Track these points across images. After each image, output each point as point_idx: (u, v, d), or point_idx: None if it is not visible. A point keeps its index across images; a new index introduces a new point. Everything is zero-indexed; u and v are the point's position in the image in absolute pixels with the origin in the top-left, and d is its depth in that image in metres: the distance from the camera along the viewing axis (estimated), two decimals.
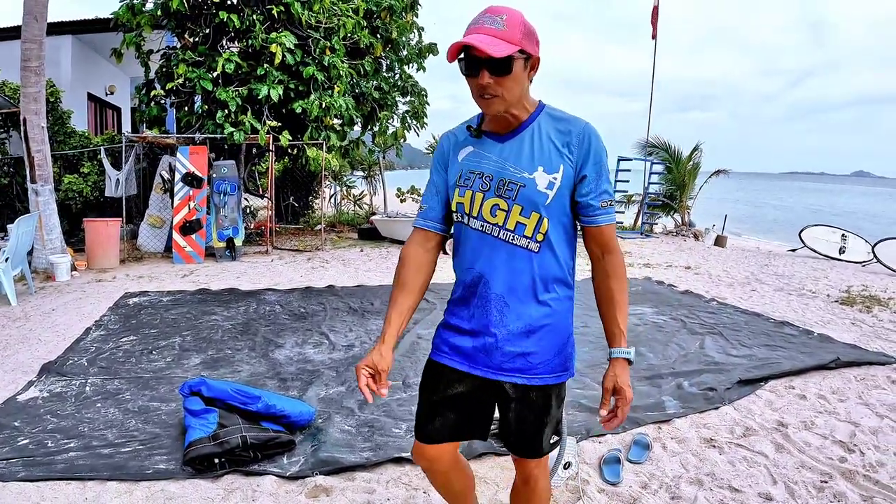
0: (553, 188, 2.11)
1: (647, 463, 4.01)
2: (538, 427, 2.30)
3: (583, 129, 2.15)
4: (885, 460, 4.08)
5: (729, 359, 6.12)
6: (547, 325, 2.20)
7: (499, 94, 2.03)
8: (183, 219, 11.37)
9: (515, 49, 1.97)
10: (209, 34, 12.36)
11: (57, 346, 6.15)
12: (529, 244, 2.14)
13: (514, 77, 2.03)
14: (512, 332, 2.18)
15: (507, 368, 2.21)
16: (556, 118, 2.18)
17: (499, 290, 2.18)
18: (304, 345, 6.33)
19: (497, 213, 2.15)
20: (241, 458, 3.77)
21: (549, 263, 2.17)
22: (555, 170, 2.11)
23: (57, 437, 4.12)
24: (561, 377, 2.28)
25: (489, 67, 1.99)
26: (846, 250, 14.99)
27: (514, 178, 2.12)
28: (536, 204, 2.11)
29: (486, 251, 2.19)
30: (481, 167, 2.19)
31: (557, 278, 2.20)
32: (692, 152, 19.46)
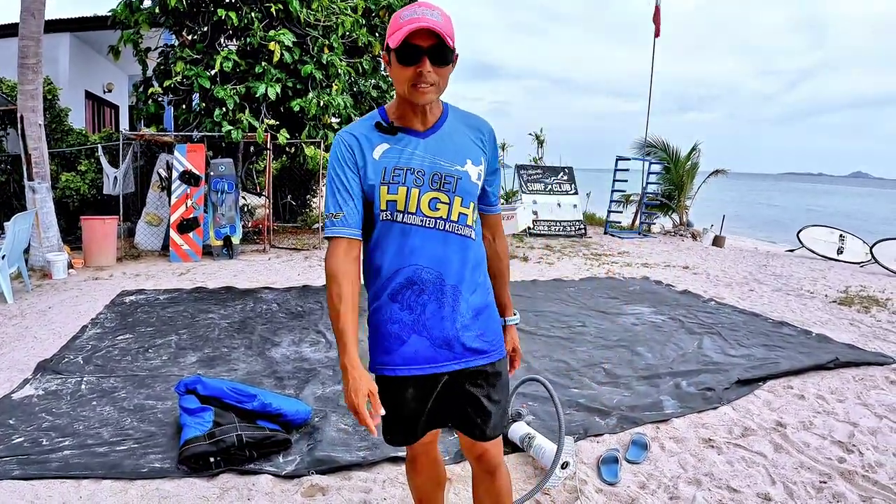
0: (480, 179, 2.29)
1: (645, 463, 4.00)
2: (503, 401, 2.42)
3: (489, 127, 2.35)
4: (883, 461, 4.08)
5: (727, 359, 6.11)
6: (488, 305, 2.38)
7: (435, 84, 2.08)
8: (180, 217, 11.34)
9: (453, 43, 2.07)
10: (207, 32, 12.34)
11: (53, 343, 6.13)
12: (470, 233, 2.27)
13: (450, 68, 2.13)
14: (467, 319, 2.27)
15: (468, 354, 2.29)
16: (465, 115, 2.34)
17: (452, 280, 2.23)
18: (301, 343, 6.31)
19: (438, 206, 2.19)
20: (237, 456, 3.76)
21: (479, 248, 2.35)
22: (478, 162, 2.28)
23: (52, 436, 4.11)
24: (503, 350, 2.46)
25: (431, 56, 2.03)
26: (844, 251, 14.99)
27: (449, 172, 2.19)
28: (472, 194, 2.25)
29: (431, 245, 2.20)
30: (409, 163, 2.18)
31: (483, 259, 2.40)
32: (690, 152, 19.43)
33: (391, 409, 2.29)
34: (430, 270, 2.20)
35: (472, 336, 2.28)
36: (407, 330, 2.24)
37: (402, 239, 2.20)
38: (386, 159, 2.19)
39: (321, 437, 4.14)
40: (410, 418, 2.37)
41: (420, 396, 2.32)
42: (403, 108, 2.21)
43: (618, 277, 10.77)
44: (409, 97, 2.11)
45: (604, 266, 12.01)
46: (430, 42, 2.01)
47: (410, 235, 2.19)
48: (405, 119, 2.22)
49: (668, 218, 20.23)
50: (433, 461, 2.70)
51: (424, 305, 2.21)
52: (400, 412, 2.35)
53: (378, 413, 2.06)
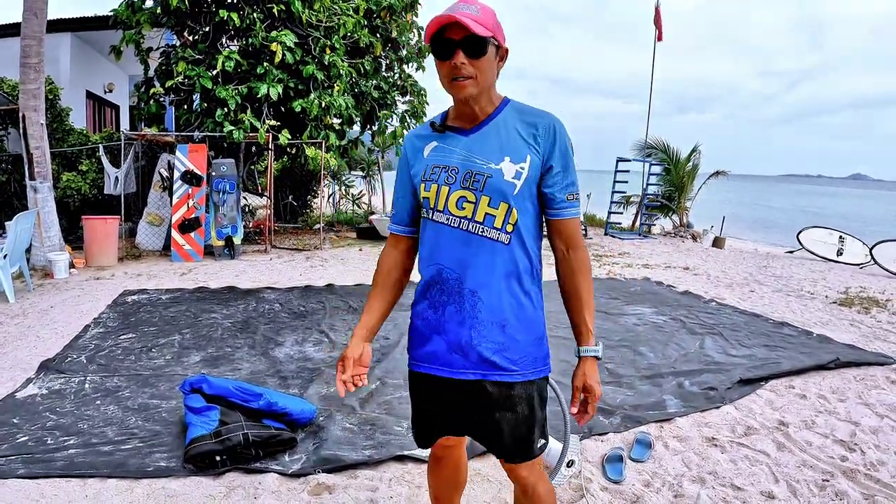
0: (521, 178, 2.08)
1: (649, 461, 4.01)
2: (525, 429, 2.22)
3: (550, 121, 2.13)
4: (885, 459, 4.09)
5: (729, 359, 6.12)
6: (521, 319, 2.15)
7: (472, 76, 2.03)
8: (182, 217, 11.35)
9: (490, 34, 2.01)
10: (209, 32, 12.36)
11: (55, 343, 6.14)
12: (500, 236, 2.10)
13: (488, 60, 2.04)
14: (487, 327, 2.13)
15: (485, 366, 2.14)
16: (523, 111, 2.18)
17: (471, 285, 2.13)
18: (305, 343, 6.32)
19: (464, 205, 2.12)
20: (243, 455, 3.76)
21: (520, 256, 2.13)
22: (521, 159, 2.09)
23: (56, 435, 4.11)
24: (541, 372, 2.22)
25: (464, 48, 2.00)
26: (844, 252, 15.01)
27: (480, 170, 2.10)
28: (505, 194, 2.07)
29: (454, 245, 2.15)
30: (446, 160, 2.17)
31: (528, 271, 2.17)
32: (691, 153, 19.45)
33: (413, 404, 2.42)
34: (452, 271, 2.16)
35: (491, 348, 2.13)
36: (430, 328, 2.22)
37: (433, 236, 2.21)
38: (431, 157, 2.22)
39: (326, 435, 4.15)
40: (427, 418, 2.37)
41: (436, 398, 2.28)
42: (455, 107, 2.21)
43: (619, 278, 10.78)
44: (450, 92, 2.10)
45: (605, 267, 12.03)
46: (462, 34, 1.98)
47: (439, 233, 2.18)
48: (456, 118, 2.22)
49: (668, 219, 20.25)
50: (454, 465, 2.62)
51: (445, 306, 2.18)
52: (418, 409, 2.40)
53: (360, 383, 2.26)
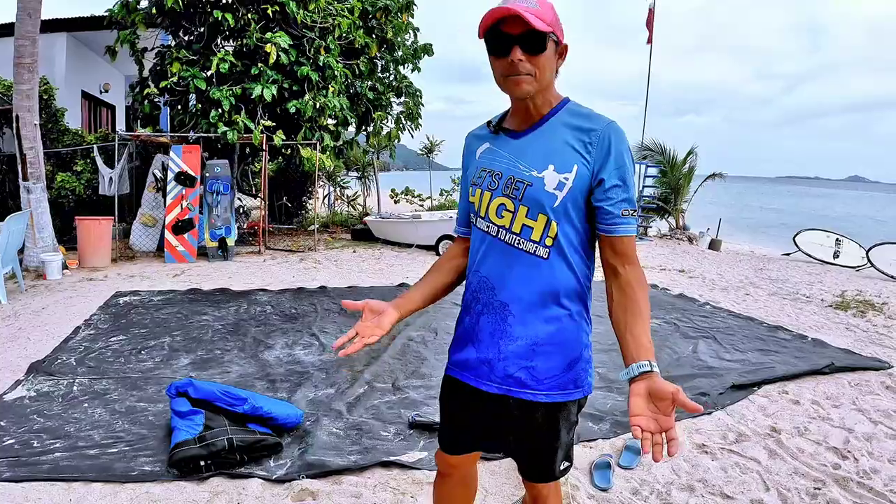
0: (563, 189, 1.92)
1: (638, 469, 3.97)
2: (547, 451, 2.11)
3: (605, 128, 1.93)
4: (878, 467, 4.06)
5: (722, 363, 6.09)
6: (556, 342, 2.00)
7: (531, 74, 1.89)
8: (175, 218, 11.33)
9: (549, 28, 1.85)
10: (204, 33, 12.34)
11: (46, 344, 6.10)
12: (538, 250, 1.96)
13: (547, 57, 1.89)
14: (516, 344, 2.01)
15: (510, 382, 2.03)
16: (578, 114, 1.99)
17: (504, 297, 2.02)
18: (295, 346, 6.28)
19: (503, 213, 2.00)
20: (227, 460, 3.73)
21: (561, 273, 1.98)
22: (567, 169, 1.92)
23: (43, 438, 4.08)
24: (570, 394, 2.05)
25: (522, 44, 1.85)
26: (840, 255, 15.03)
27: (521, 177, 1.96)
28: (543, 205, 1.93)
29: (492, 254, 2.05)
30: (493, 164, 2.06)
31: (570, 289, 2.01)
32: (687, 156, 19.48)
33: (442, 408, 2.35)
34: (487, 281, 2.07)
35: (517, 365, 2.02)
36: (466, 336, 2.16)
37: (476, 243, 2.14)
38: (481, 160, 2.14)
39: (312, 440, 4.11)
40: (454, 424, 2.31)
41: (464, 406, 2.21)
42: (512, 108, 2.09)
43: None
44: (505, 90, 1.97)
45: (599, 270, 12.00)
46: (520, 29, 1.83)
47: (480, 241, 2.11)
48: (512, 118, 2.09)
49: (664, 221, 20.26)
50: (461, 481, 2.52)
51: (480, 316, 2.10)
52: (447, 414, 2.33)
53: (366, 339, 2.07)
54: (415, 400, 4.91)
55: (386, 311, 2.12)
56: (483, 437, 2.24)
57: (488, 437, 2.23)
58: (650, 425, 1.62)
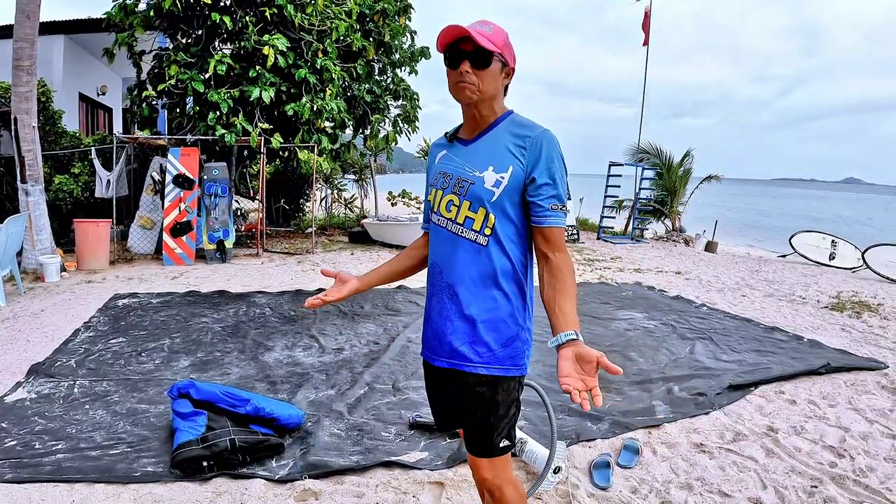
0: (500, 186, 2.21)
1: (637, 468, 4.00)
2: (485, 423, 2.32)
3: (538, 135, 2.22)
4: (874, 465, 4.10)
5: (719, 364, 6.13)
6: (494, 318, 2.26)
7: (475, 84, 2.19)
8: (173, 220, 11.33)
9: (498, 50, 2.19)
10: (201, 35, 12.34)
11: (45, 347, 6.11)
12: (478, 238, 2.24)
13: (491, 73, 2.20)
14: (459, 320, 2.29)
15: (455, 356, 2.31)
16: (518, 123, 2.29)
17: (449, 279, 2.31)
18: (294, 348, 6.30)
19: (451, 208, 2.30)
20: (230, 461, 3.75)
21: (498, 258, 2.24)
22: (503, 169, 2.21)
23: (45, 439, 4.10)
24: (508, 370, 2.30)
25: (471, 59, 2.17)
26: (836, 256, 15.07)
27: (466, 176, 2.27)
28: (482, 200, 2.21)
29: (441, 244, 2.35)
30: (447, 168, 2.37)
31: (506, 273, 2.26)
32: (683, 158, 19.53)
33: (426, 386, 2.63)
34: (438, 267, 2.37)
35: (460, 339, 2.29)
36: (426, 316, 2.48)
37: (431, 236, 2.45)
38: (439, 164, 2.44)
39: (314, 441, 4.14)
40: (430, 400, 2.61)
41: (433, 384, 2.53)
42: (464, 118, 2.39)
43: (610, 283, 10.79)
44: (455, 97, 2.27)
45: (596, 271, 12.04)
46: (471, 47, 2.17)
47: (434, 233, 2.41)
48: (464, 129, 2.41)
49: (660, 223, 20.29)
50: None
51: (432, 298, 2.41)
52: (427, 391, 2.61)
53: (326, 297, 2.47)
54: (415, 401, 4.93)
55: (350, 281, 2.52)
56: (448, 412, 2.51)
57: (449, 411, 2.49)
58: (577, 384, 1.86)
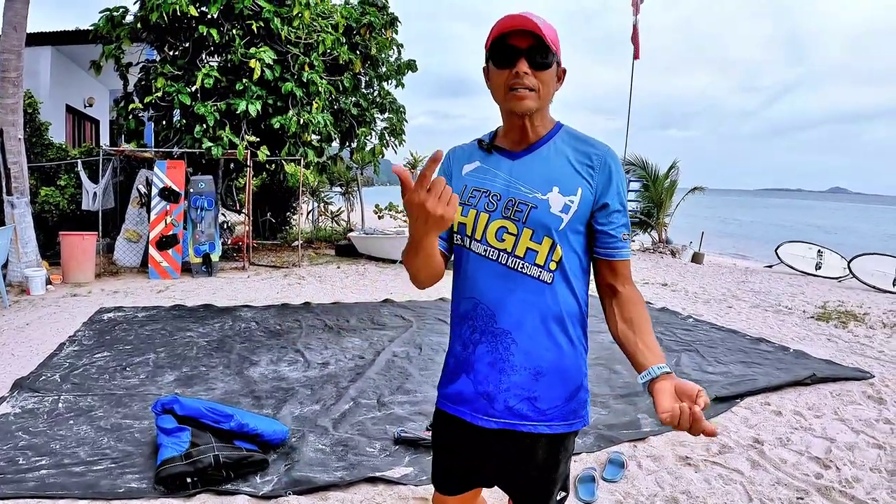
0: (569, 212, 1.87)
1: (622, 481, 4.00)
2: (545, 483, 2.02)
3: (605, 152, 1.92)
4: (860, 476, 4.11)
5: (705, 376, 6.13)
6: (559, 368, 1.93)
7: (534, 89, 1.83)
8: (159, 234, 11.30)
9: (555, 48, 1.83)
10: (188, 48, 12.35)
11: (30, 361, 6.08)
12: (542, 274, 1.89)
13: (551, 75, 1.86)
14: (519, 373, 1.92)
15: (510, 415, 1.93)
16: (577, 137, 1.96)
17: (505, 325, 1.91)
18: (280, 362, 6.28)
19: (504, 237, 1.90)
20: (214, 477, 3.73)
21: (565, 297, 1.92)
22: (572, 192, 1.87)
23: (28, 455, 4.07)
24: (572, 425, 1.98)
25: (529, 57, 1.81)
26: (822, 266, 15.15)
27: (524, 199, 1.89)
28: (549, 228, 1.86)
29: (491, 279, 1.93)
30: (488, 185, 1.96)
31: (573, 314, 1.95)
32: (669, 170, 19.62)
33: (435, 443, 2.23)
34: (485, 308, 1.94)
35: (519, 397, 1.92)
36: (459, 367, 2.03)
37: (467, 266, 2.00)
38: (470, 178, 2.02)
39: (298, 457, 4.12)
40: (447, 463, 2.18)
41: (459, 442, 2.08)
42: (506, 126, 2.01)
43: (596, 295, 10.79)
44: (506, 104, 1.89)
45: None
46: (528, 42, 1.80)
47: (475, 265, 1.97)
48: (506, 138, 2.01)
49: (647, 235, 20.36)
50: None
51: (476, 345, 1.97)
52: (440, 449, 2.20)
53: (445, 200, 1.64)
54: (400, 416, 4.92)
55: None
56: (477, 473, 2.12)
57: (483, 473, 2.11)
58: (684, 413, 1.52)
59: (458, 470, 2.14)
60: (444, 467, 2.19)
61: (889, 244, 30.80)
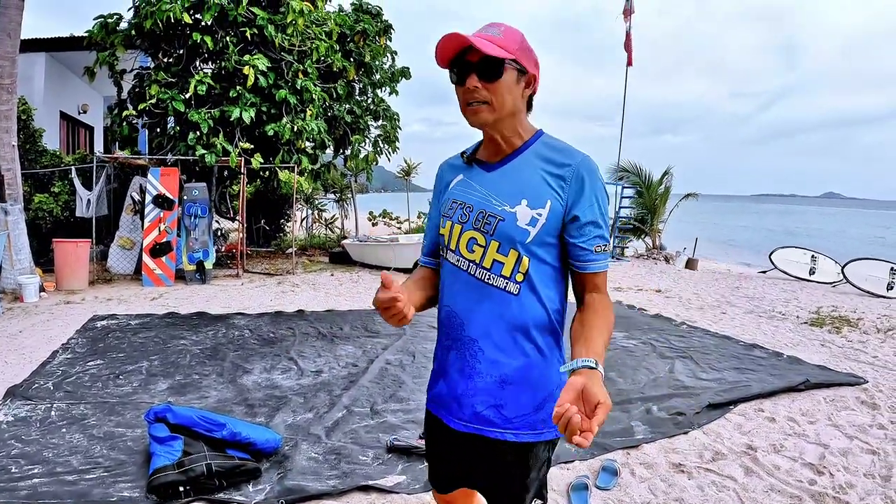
0: (536, 225, 1.88)
1: (615, 489, 3.99)
2: (515, 491, 2.03)
3: (579, 163, 1.90)
4: (854, 482, 4.11)
5: (699, 382, 6.14)
6: (526, 377, 1.95)
7: (488, 101, 1.86)
8: (153, 241, 11.29)
9: (509, 56, 1.84)
10: (183, 55, 12.36)
11: (23, 369, 6.06)
12: (508, 285, 1.92)
13: (506, 85, 1.86)
14: (485, 381, 1.96)
15: (478, 421, 1.99)
16: (552, 147, 1.96)
17: (473, 333, 1.97)
18: (273, 370, 6.27)
19: (474, 248, 1.95)
20: (206, 486, 3.72)
21: (532, 308, 1.93)
22: (540, 205, 1.89)
23: (21, 463, 4.05)
24: (541, 435, 1.98)
25: (478, 71, 1.84)
26: (816, 271, 15.16)
27: (493, 211, 1.92)
28: (514, 241, 1.89)
29: (461, 289, 2.00)
30: (465, 197, 2.02)
31: (541, 325, 1.95)
32: (663, 176, 19.65)
33: (426, 443, 2.31)
34: (457, 316, 2.01)
35: (486, 404, 1.97)
36: (438, 371, 2.13)
37: (445, 275, 2.08)
38: (453, 191, 2.09)
39: (291, 465, 4.11)
40: (434, 460, 2.26)
41: (441, 441, 2.16)
42: (483, 138, 2.06)
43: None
44: (467, 120, 1.93)
45: None
46: (477, 56, 1.83)
47: (449, 275, 2.05)
48: (484, 150, 2.06)
49: (641, 241, 20.38)
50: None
51: (449, 351, 2.06)
52: (429, 448, 2.28)
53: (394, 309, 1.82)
54: (393, 424, 4.91)
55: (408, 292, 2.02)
56: (459, 473, 2.17)
57: (462, 473, 2.16)
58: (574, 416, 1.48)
59: (444, 469, 2.22)
60: (433, 465, 2.28)
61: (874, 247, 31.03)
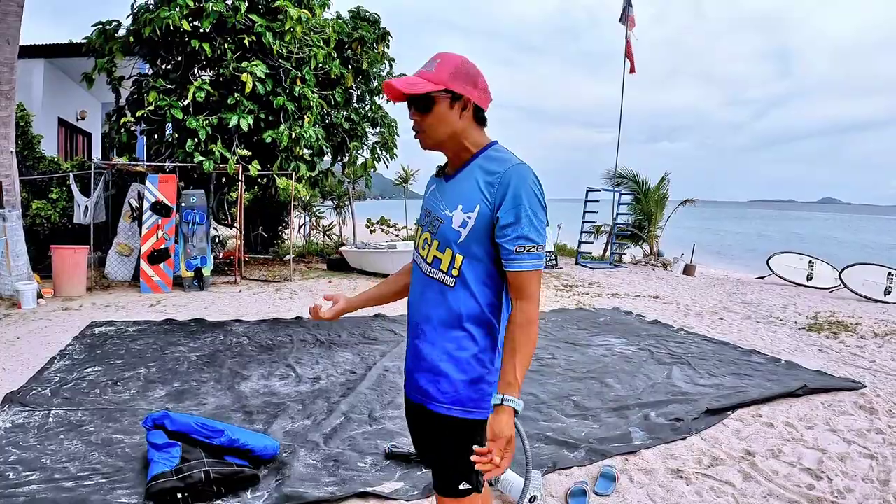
0: (466, 227, 2.12)
1: (613, 495, 4.00)
2: (445, 463, 2.27)
3: (507, 170, 2.09)
4: (852, 486, 4.11)
5: (696, 388, 6.14)
6: (457, 359, 2.18)
7: (423, 130, 2.17)
8: (151, 247, 11.29)
9: (436, 88, 2.09)
10: (181, 62, 12.37)
11: (21, 375, 6.05)
12: (445, 279, 2.19)
13: (436, 115, 2.13)
14: (426, 361, 2.24)
15: (420, 394, 2.28)
16: (491, 158, 2.17)
17: (417, 318, 2.30)
18: (271, 377, 6.26)
19: (425, 246, 2.26)
20: (205, 492, 3.72)
21: (465, 300, 2.16)
22: (470, 209, 2.12)
23: (18, 470, 4.04)
24: (471, 413, 2.19)
25: (413, 105, 2.16)
26: (814, 277, 15.17)
27: (439, 215, 2.21)
28: (449, 241, 2.15)
29: (416, 281, 2.34)
30: (429, 204, 2.32)
31: (473, 315, 2.17)
32: (660, 182, 19.67)
33: None
34: (412, 305, 2.34)
35: (426, 379, 2.25)
36: (406, 351, 2.42)
37: (412, 271, 2.42)
38: (426, 199, 2.38)
39: (289, 472, 4.11)
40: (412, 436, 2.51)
41: (407, 411, 2.47)
42: None
43: (588, 308, 10.81)
44: None
45: (574, 297, 12.06)
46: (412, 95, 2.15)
47: (413, 270, 2.39)
48: (448, 164, 2.32)
49: (638, 248, 20.40)
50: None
51: (408, 334, 2.38)
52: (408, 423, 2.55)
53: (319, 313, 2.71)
54: (391, 430, 4.90)
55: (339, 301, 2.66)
56: (418, 444, 2.47)
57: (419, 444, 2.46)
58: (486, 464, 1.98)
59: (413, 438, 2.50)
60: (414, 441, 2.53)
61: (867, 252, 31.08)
